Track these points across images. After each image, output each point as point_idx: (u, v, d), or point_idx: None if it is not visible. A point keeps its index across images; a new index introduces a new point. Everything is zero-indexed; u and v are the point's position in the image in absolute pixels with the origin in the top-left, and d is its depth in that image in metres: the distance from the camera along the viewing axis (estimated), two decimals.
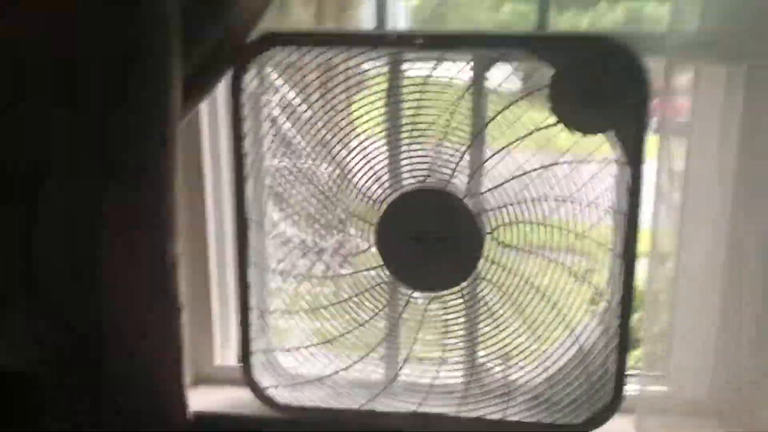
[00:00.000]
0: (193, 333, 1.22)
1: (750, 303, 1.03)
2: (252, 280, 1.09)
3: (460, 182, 1.01)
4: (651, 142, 0.96)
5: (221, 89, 1.12)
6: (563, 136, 0.97)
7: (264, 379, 1.13)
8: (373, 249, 1.05)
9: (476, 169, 1.00)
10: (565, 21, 1.40)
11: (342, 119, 1.02)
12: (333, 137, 1.03)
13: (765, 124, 0.99)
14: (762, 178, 1.00)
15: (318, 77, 1.02)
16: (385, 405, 1.10)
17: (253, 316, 1.10)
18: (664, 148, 0.99)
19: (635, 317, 1.10)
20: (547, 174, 0.99)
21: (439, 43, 0.96)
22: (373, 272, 1.06)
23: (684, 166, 1.02)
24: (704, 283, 1.06)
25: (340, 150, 1.03)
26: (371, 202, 1.04)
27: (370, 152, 1.02)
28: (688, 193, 1.04)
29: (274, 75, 1.03)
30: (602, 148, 0.97)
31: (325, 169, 1.05)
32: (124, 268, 0.96)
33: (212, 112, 1.17)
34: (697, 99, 1.04)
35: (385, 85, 1.01)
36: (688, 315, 1.07)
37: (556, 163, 0.97)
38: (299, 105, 1.03)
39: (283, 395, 1.12)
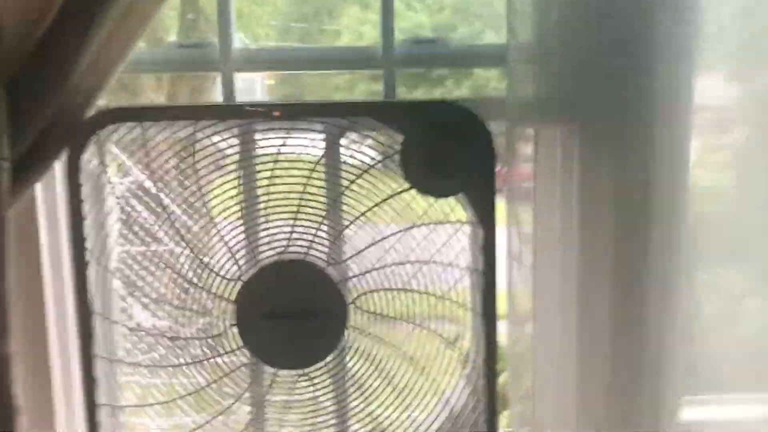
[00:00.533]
0: None
1: (604, 351, 1.07)
2: (100, 373, 1.00)
3: (319, 252, 0.99)
4: (500, 207, 1.00)
5: (58, 170, 1.05)
6: (419, 202, 0.99)
7: None
8: (233, 330, 0.99)
9: (336, 236, 0.99)
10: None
11: (193, 197, 0.98)
12: (184, 216, 0.98)
13: (601, 178, 1.05)
14: (602, 232, 1.06)
15: (164, 155, 0.98)
16: None
17: (103, 414, 1.00)
18: (512, 212, 1.03)
19: (502, 378, 1.12)
20: (405, 238, 1.00)
21: (288, 112, 0.96)
22: (233, 355, 1.00)
23: (532, 229, 1.07)
24: (562, 339, 1.09)
25: (191, 228, 0.98)
26: (227, 280, 0.99)
27: (223, 229, 0.98)
28: (538, 255, 1.09)
29: (116, 152, 0.97)
30: (455, 210, 0.99)
31: (178, 249, 0.99)
32: None
33: (49, 196, 1.08)
34: (537, 161, 1.10)
35: (236, 158, 0.98)
36: (550, 372, 1.10)
37: (413, 226, 0.98)
38: (146, 185, 0.98)
39: None
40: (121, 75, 0.98)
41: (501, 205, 1.01)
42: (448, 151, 0.95)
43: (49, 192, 1.08)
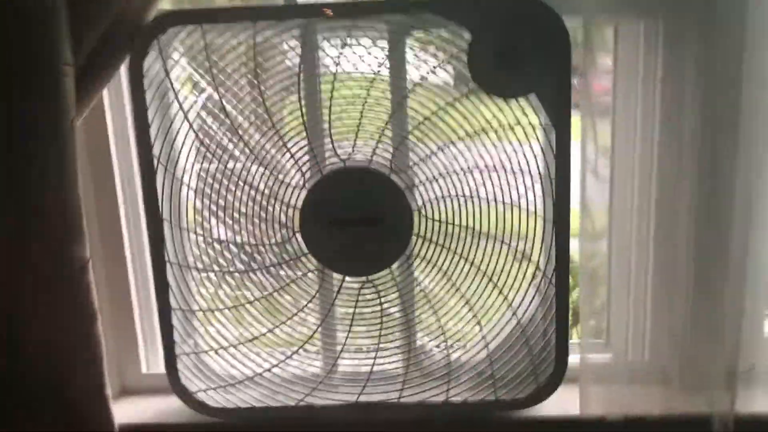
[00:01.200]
0: (116, 341, 1.14)
1: (683, 264, 1.01)
2: (172, 280, 1.02)
3: (383, 158, 0.96)
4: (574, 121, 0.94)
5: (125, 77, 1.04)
6: (488, 104, 0.94)
7: (193, 383, 1.06)
8: (298, 236, 0.99)
9: (400, 142, 0.95)
10: None
11: (254, 103, 0.96)
12: (247, 123, 0.96)
13: (686, 79, 0.97)
14: (685, 139, 0.99)
15: (226, 60, 0.95)
16: (324, 399, 1.05)
17: (177, 318, 1.03)
18: (587, 125, 0.97)
19: (573, 293, 1.08)
20: (474, 144, 0.95)
21: (349, 10, 0.91)
22: (299, 261, 1.01)
23: (609, 141, 1.01)
24: (638, 254, 1.04)
25: (255, 136, 0.97)
26: (291, 188, 0.98)
27: (287, 135, 0.96)
28: (615, 168, 1.03)
29: (177, 57, 0.96)
30: (527, 113, 0.94)
31: (241, 155, 0.98)
32: (19, 270, 0.88)
33: (117, 103, 1.08)
34: (617, 60, 1.02)
35: (297, 61, 0.95)
36: (625, 286, 1.06)
37: (482, 131, 0.94)
38: (208, 91, 0.96)
39: (215, 399, 1.06)
40: None
41: (575, 120, 0.95)
42: (519, 47, 0.89)
43: (117, 99, 1.08)
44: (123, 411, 1.09)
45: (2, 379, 0.94)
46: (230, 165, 0.98)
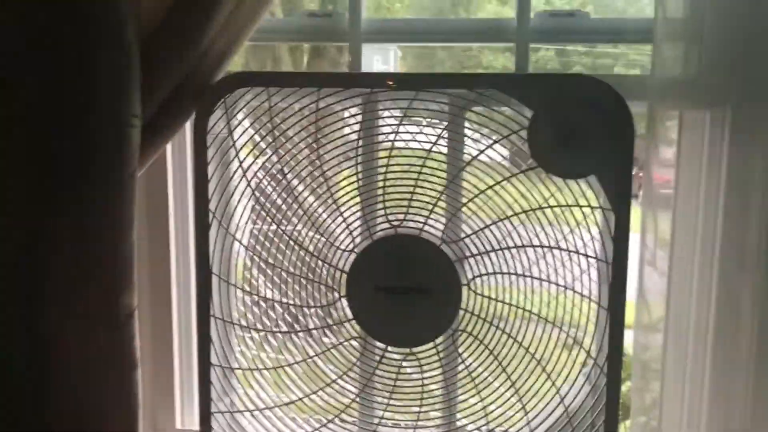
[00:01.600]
0: (154, 393, 1.14)
1: (742, 362, 0.96)
2: (215, 335, 1.02)
3: (435, 228, 0.95)
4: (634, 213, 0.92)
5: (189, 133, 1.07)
6: (547, 182, 0.92)
7: None
8: (343, 301, 0.98)
9: (454, 213, 0.94)
10: None
11: (312, 166, 0.97)
12: (302, 186, 0.98)
13: (753, 170, 0.94)
14: (748, 234, 0.95)
15: (287, 121, 0.97)
16: None
17: (215, 375, 1.02)
18: (648, 217, 0.94)
19: (625, 386, 1.03)
20: (529, 221, 0.94)
21: (412, 82, 0.92)
22: (342, 327, 0.99)
23: (669, 233, 0.98)
24: (695, 346, 1.00)
25: (309, 198, 0.97)
26: (341, 251, 0.98)
27: (341, 199, 0.97)
28: (675, 260, 1.00)
29: (241, 117, 0.98)
30: (586, 194, 0.92)
31: (294, 216, 0.99)
32: (68, 316, 0.89)
33: (180, 158, 1.12)
34: (681, 147, 1.00)
35: (357, 128, 0.96)
36: (680, 383, 1.00)
37: (538, 208, 0.92)
38: (268, 152, 0.98)
39: None
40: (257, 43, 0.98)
41: (635, 210, 0.93)
42: (582, 128, 0.88)
43: (179, 154, 1.11)
44: None
45: (43, 420, 0.93)
46: (283, 226, 0.99)
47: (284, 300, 1.01)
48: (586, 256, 0.93)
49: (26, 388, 0.90)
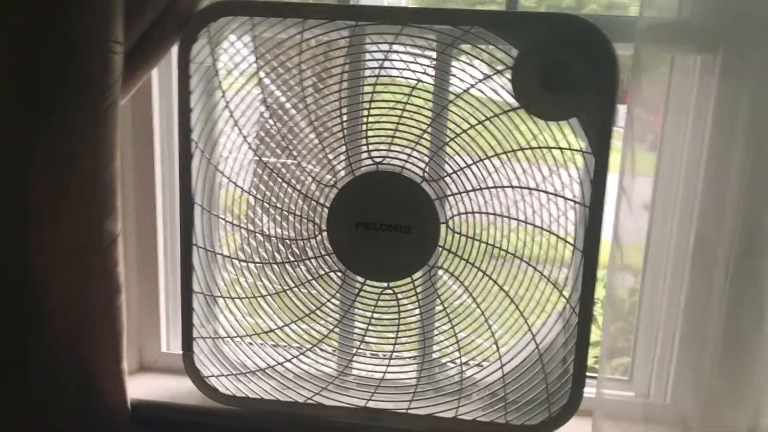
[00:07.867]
0: (141, 318, 1.17)
1: (716, 307, 0.98)
2: (197, 263, 1.04)
3: (417, 167, 0.96)
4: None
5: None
6: (528, 124, 0.92)
7: (207, 368, 1.07)
8: (324, 235, 0.99)
9: (436, 151, 0.95)
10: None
11: (296, 98, 0.97)
12: (286, 117, 0.97)
13: (739, 117, 0.93)
14: (731, 180, 0.95)
15: (272, 51, 0.96)
16: (333, 399, 1.05)
17: (198, 302, 1.05)
18: (628, 153, 0.94)
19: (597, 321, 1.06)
20: (510, 162, 0.94)
21: (397, 17, 0.91)
22: (322, 260, 1.01)
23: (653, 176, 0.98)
24: (670, 294, 1.01)
25: (292, 131, 0.97)
26: (322, 186, 0.98)
27: (323, 133, 0.97)
28: (656, 201, 1.00)
29: (225, 46, 0.97)
30: (567, 137, 0.92)
31: (277, 147, 0.99)
32: (53, 240, 0.91)
33: (165, 85, 1.10)
34: (669, 90, 0.99)
35: (342, 62, 0.95)
36: (652, 321, 1.03)
37: (519, 149, 0.92)
38: (251, 82, 0.97)
39: (226, 386, 1.07)
40: None
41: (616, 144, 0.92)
42: (566, 69, 0.88)
43: (165, 83, 1.10)
44: (138, 386, 1.11)
45: (28, 343, 0.97)
46: (265, 158, 0.99)
47: (265, 230, 1.02)
48: (564, 198, 0.94)
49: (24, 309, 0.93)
